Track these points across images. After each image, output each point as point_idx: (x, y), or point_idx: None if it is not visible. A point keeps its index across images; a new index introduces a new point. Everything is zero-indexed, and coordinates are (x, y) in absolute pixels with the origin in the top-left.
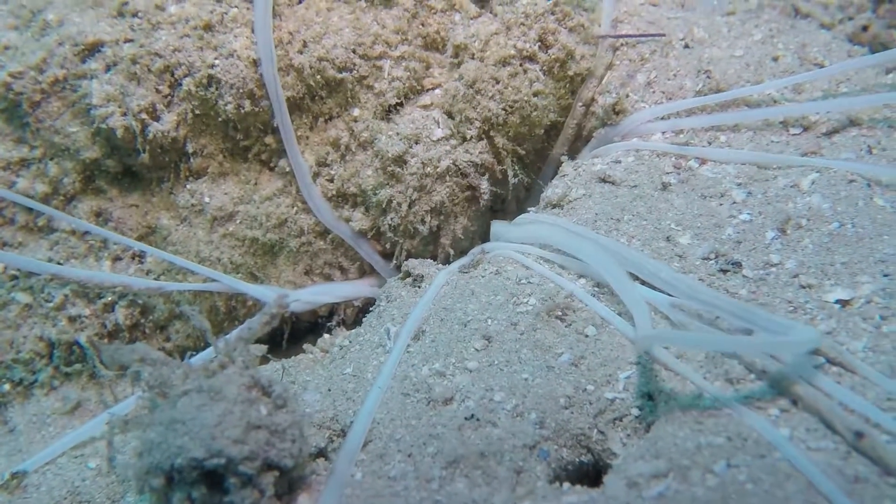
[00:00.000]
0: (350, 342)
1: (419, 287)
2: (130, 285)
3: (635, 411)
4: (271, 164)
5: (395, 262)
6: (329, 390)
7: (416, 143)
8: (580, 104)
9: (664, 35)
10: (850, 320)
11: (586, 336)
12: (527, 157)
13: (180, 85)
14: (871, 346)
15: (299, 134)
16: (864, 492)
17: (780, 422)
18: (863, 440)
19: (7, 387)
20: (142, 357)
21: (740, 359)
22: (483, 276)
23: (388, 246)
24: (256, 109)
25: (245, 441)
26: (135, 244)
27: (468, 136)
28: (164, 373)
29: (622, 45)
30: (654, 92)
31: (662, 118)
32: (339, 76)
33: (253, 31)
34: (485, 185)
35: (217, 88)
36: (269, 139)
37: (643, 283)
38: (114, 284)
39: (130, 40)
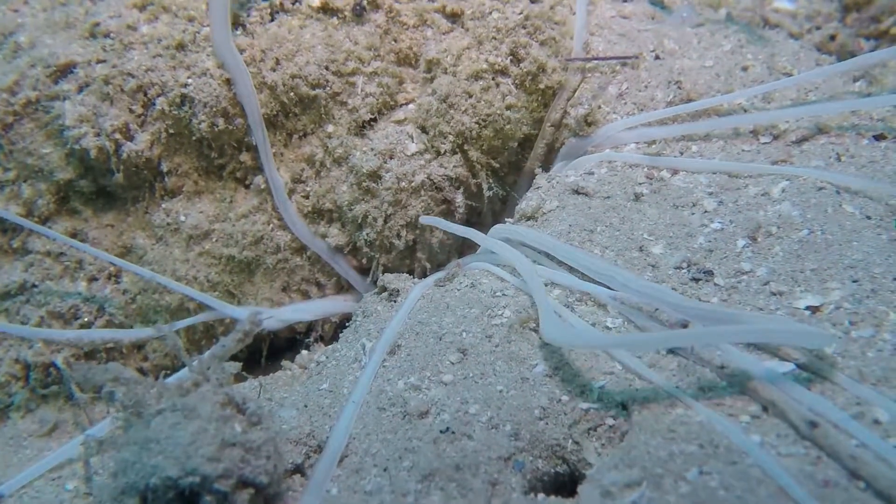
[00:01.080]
0: (326, 358)
1: (395, 301)
2: (121, 339)
3: (610, 421)
4: (246, 182)
5: (371, 277)
6: (305, 406)
7: (391, 158)
8: (549, 125)
9: (636, 57)
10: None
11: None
12: (501, 170)
13: (154, 104)
14: (841, 352)
15: (274, 151)
16: (834, 496)
17: (752, 428)
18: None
19: None
20: (115, 377)
21: (712, 366)
22: (458, 290)
23: (364, 261)
24: (230, 127)
25: (219, 459)
26: (125, 264)
27: (442, 151)
28: (138, 392)
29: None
30: (625, 103)
31: (634, 128)
32: (313, 93)
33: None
34: (460, 199)
35: (190, 107)
36: (244, 157)
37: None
38: (104, 341)
39: (103, 61)
